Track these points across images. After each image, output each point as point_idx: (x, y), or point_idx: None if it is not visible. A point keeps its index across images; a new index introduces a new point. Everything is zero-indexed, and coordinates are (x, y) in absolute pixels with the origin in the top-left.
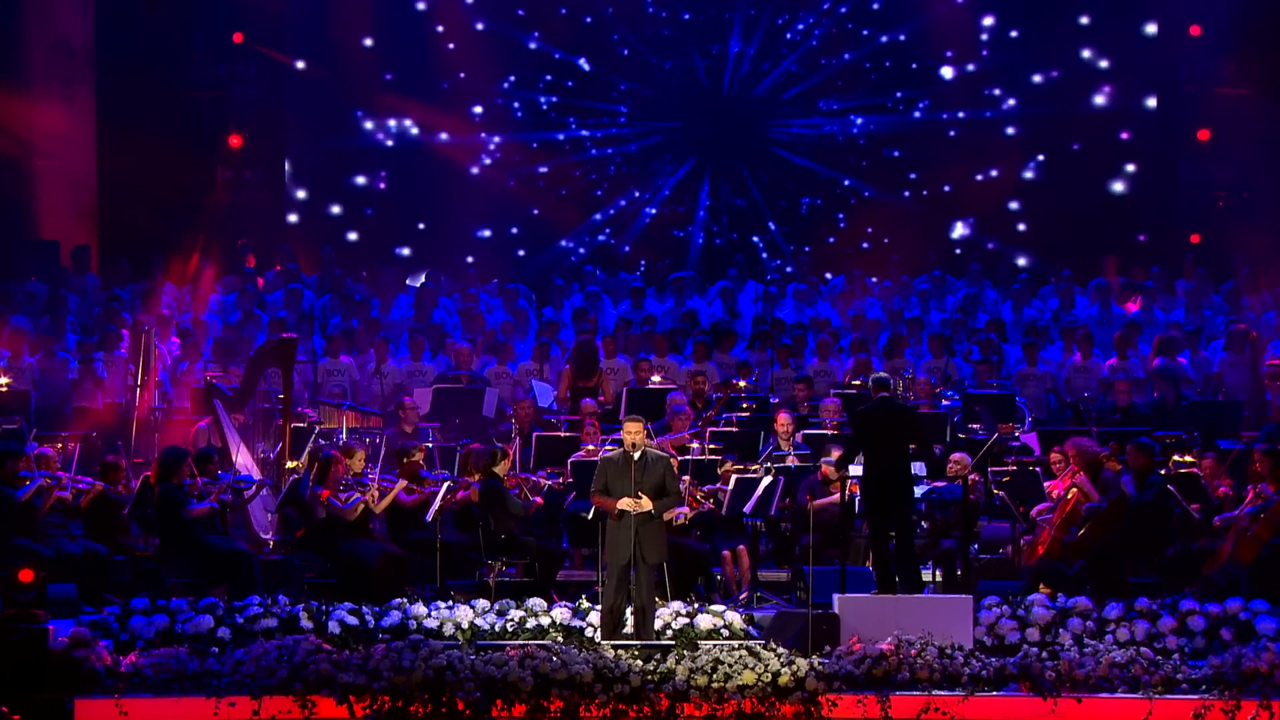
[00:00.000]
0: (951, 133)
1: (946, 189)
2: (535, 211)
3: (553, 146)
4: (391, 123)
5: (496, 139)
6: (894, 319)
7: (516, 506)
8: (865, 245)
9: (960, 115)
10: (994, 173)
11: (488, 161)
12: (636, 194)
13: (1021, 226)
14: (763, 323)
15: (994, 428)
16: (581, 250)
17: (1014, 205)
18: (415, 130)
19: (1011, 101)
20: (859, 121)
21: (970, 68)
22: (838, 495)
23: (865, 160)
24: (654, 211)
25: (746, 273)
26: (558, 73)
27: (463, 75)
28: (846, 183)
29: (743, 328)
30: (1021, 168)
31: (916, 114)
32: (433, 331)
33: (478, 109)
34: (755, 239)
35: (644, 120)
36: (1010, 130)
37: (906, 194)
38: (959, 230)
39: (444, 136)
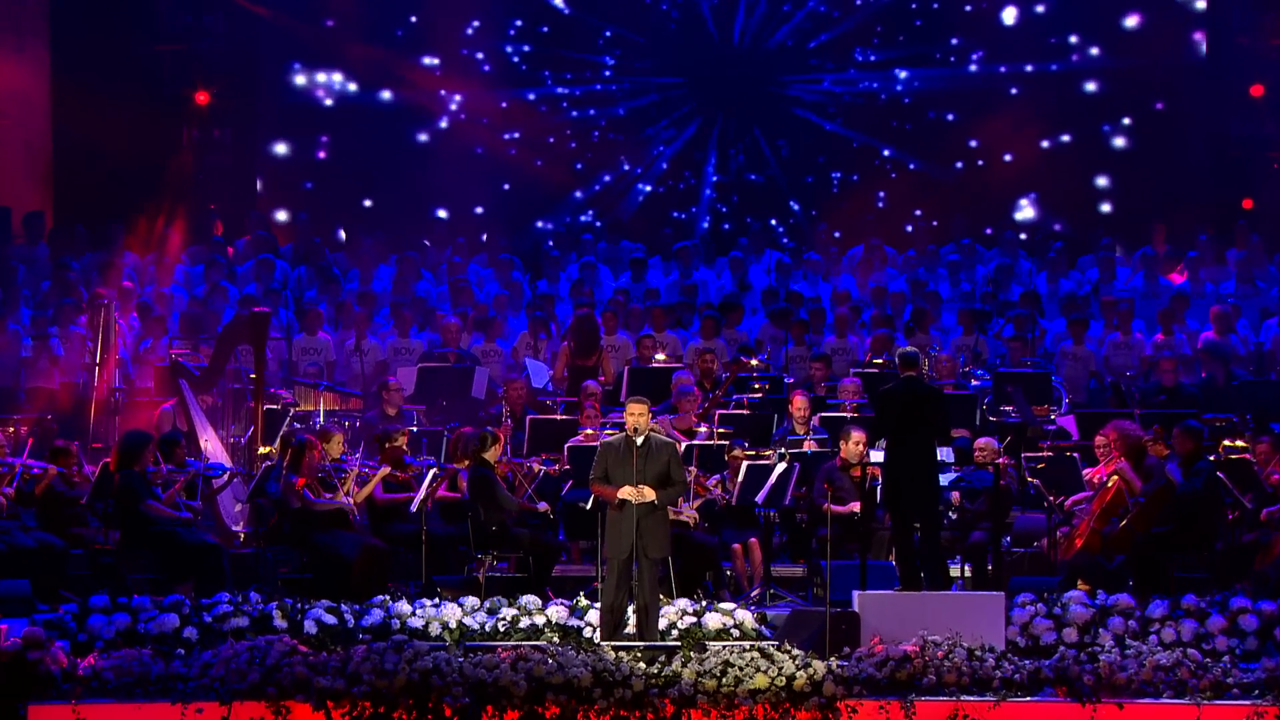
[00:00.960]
0: (1013, 90)
1: (1008, 159)
2: (506, 187)
3: (524, 107)
4: (327, 77)
5: (457, 97)
6: (919, 292)
7: (508, 501)
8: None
9: (1026, 69)
10: (1066, 138)
11: (445, 124)
12: (626, 167)
13: (1106, 207)
14: (776, 296)
15: (1028, 410)
16: (559, 228)
17: (1100, 181)
18: (355, 87)
19: (1094, 51)
20: (902, 76)
21: (1039, 8)
22: (857, 505)
23: (910, 124)
24: (648, 189)
25: (759, 242)
26: (529, 16)
27: (415, 20)
28: (887, 153)
29: (754, 301)
30: (1105, 132)
31: (972, 67)
32: (417, 305)
33: (433, 60)
34: (774, 223)
35: (635, 75)
36: (1090, 86)
37: (959, 165)
38: (1025, 210)
39: (391, 95)
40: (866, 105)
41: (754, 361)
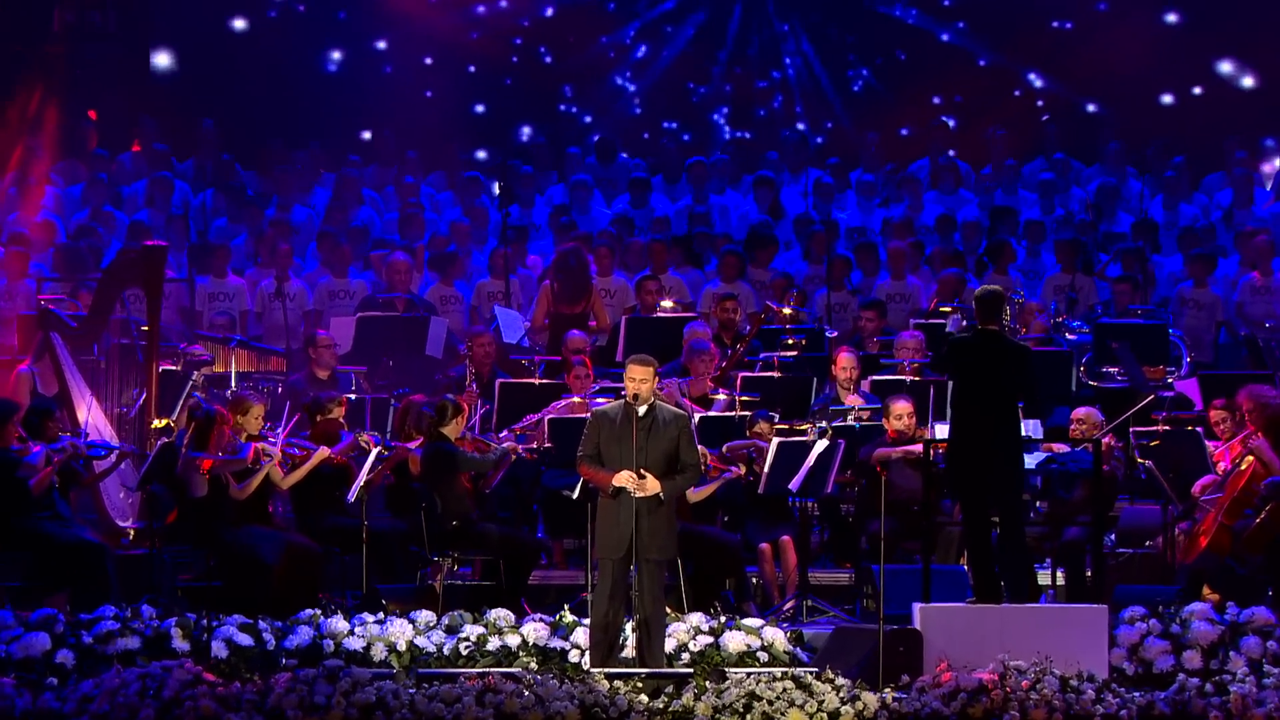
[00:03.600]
0: None
1: (1114, 40)
2: (470, 68)
3: None
4: None
5: None
6: (999, 220)
7: (482, 463)
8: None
9: None
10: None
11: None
12: (617, 81)
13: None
14: (814, 226)
15: (1138, 372)
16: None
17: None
18: None
19: None
20: None
21: None
22: (918, 448)
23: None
24: (636, 89)
25: (794, 157)
26: None
27: None
28: (946, 38)
29: (787, 233)
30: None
31: None
32: (357, 237)
33: None
34: (818, 142)
35: None
36: None
37: (1049, 50)
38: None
39: None
40: None
41: (786, 310)
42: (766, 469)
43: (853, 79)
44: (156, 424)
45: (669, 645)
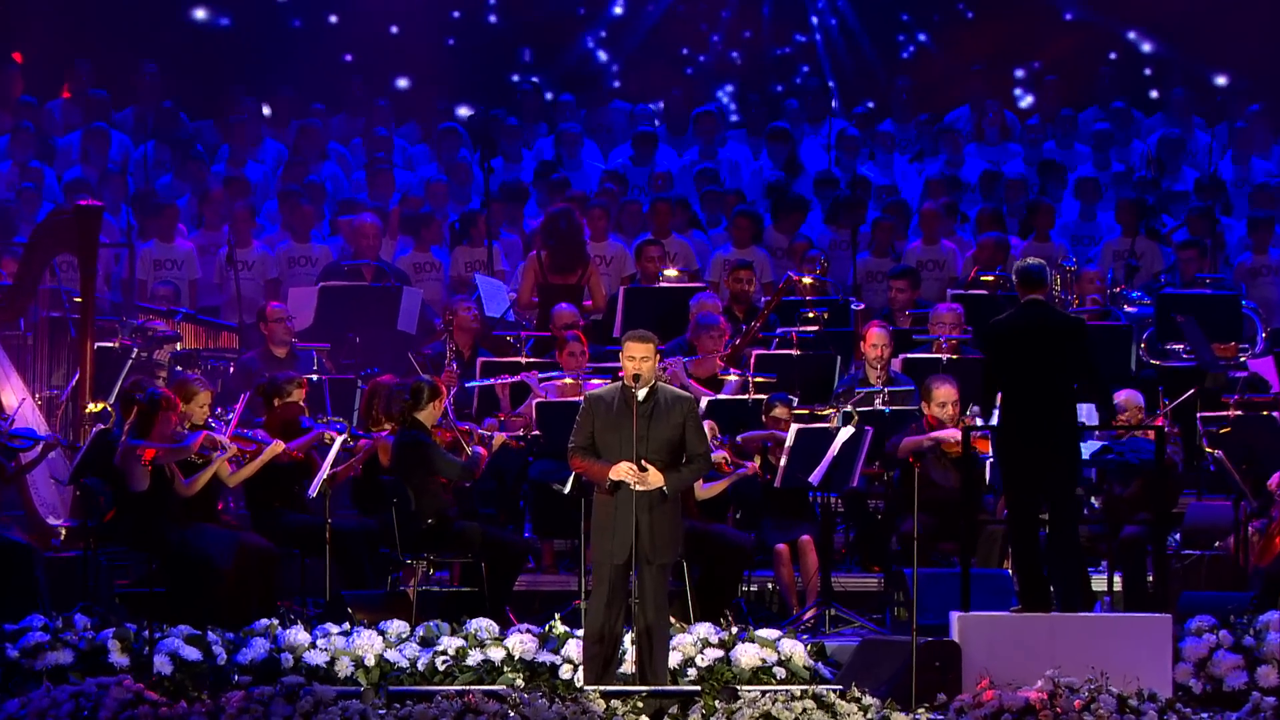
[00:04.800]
0: None
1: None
2: (455, 13)
3: None
4: None
5: None
6: (1048, 177)
7: (453, 467)
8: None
9: None
10: None
11: None
12: (588, 44)
13: None
14: (838, 184)
15: (1206, 349)
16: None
17: None
18: None
19: None
20: None
21: None
22: (952, 433)
23: None
24: (654, 24)
25: (815, 106)
26: None
27: None
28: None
29: (807, 190)
30: None
31: None
32: (318, 196)
33: None
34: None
35: None
36: None
37: None
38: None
39: None
40: None
41: (807, 280)
42: (784, 460)
43: (903, 44)
44: (91, 408)
45: (673, 660)
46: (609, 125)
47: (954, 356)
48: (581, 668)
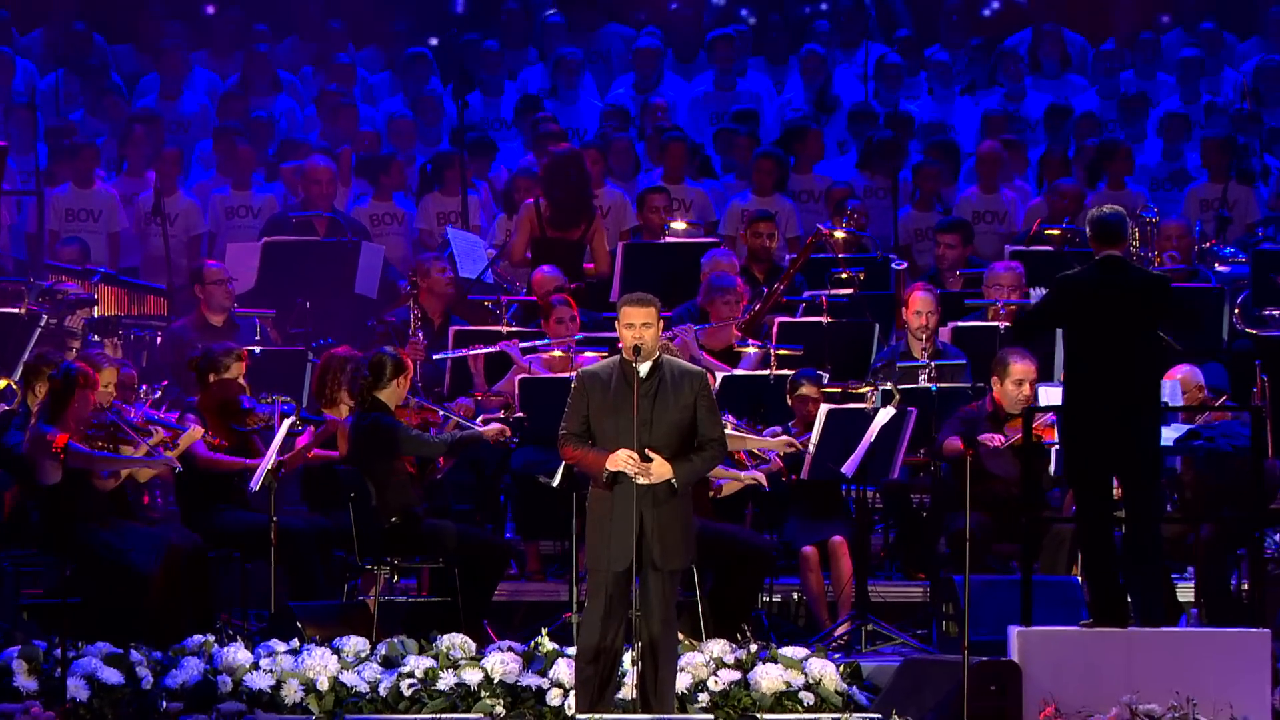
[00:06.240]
0: None
1: None
2: None
3: None
4: None
5: None
6: (1126, 112)
7: (430, 445)
8: None
9: None
10: None
11: None
12: None
13: None
14: (876, 120)
15: None
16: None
17: None
18: None
19: None
20: None
21: None
22: (1017, 436)
23: None
24: None
25: (849, 29)
26: None
27: None
28: None
29: (839, 130)
30: None
31: None
32: (260, 134)
33: None
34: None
35: None
36: None
37: None
38: None
39: None
40: None
41: (839, 234)
42: (812, 447)
43: None
44: None
45: (681, 683)
46: (605, 51)
47: (1011, 325)
48: (573, 693)
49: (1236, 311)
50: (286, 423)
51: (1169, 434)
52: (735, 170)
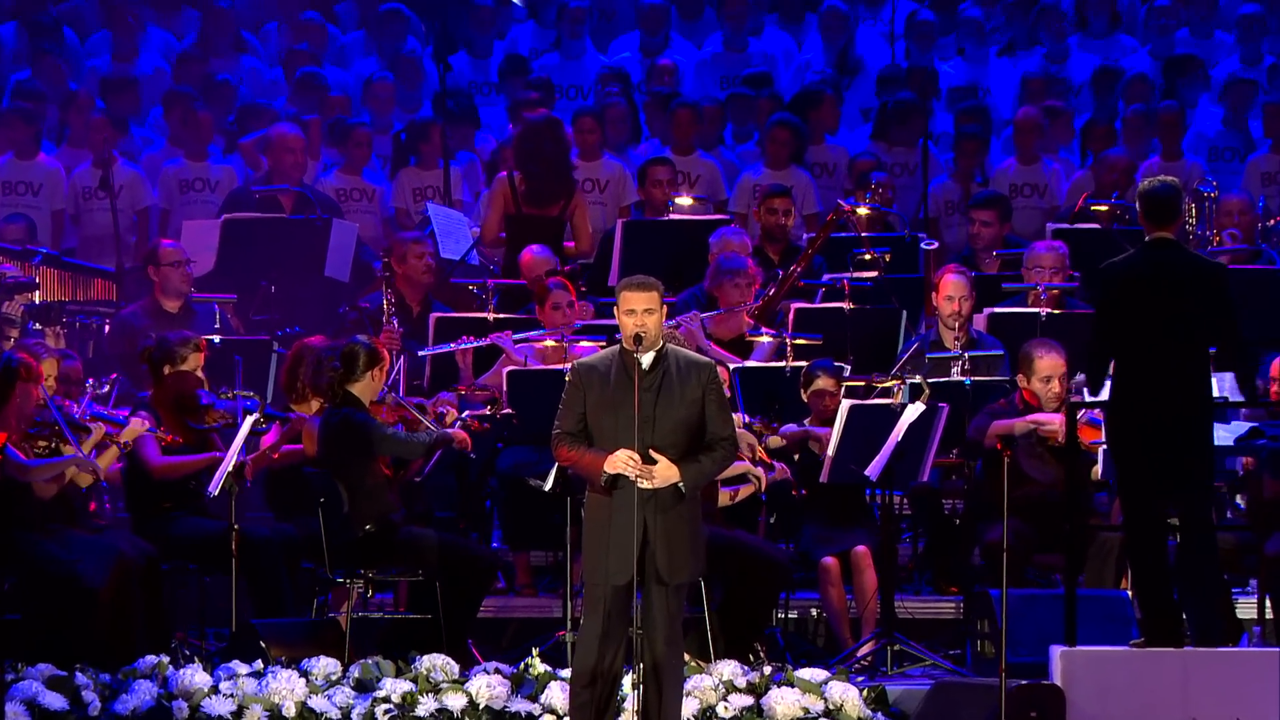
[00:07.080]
0: None
1: None
2: None
3: None
4: None
5: None
6: (1185, 76)
7: (407, 446)
8: None
9: None
10: None
11: None
12: None
13: None
14: (903, 83)
15: None
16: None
17: None
18: None
19: None
20: None
21: None
22: (1056, 417)
23: None
24: None
25: None
26: None
27: None
28: None
29: (865, 94)
30: None
31: None
32: (221, 96)
33: None
34: None
35: None
36: None
37: None
38: None
39: None
40: None
41: (861, 210)
42: (832, 447)
43: None
44: None
45: (688, 708)
46: (606, 9)
47: (1056, 311)
48: (568, 719)
49: None
50: (249, 420)
51: (1228, 432)
52: (748, 140)
